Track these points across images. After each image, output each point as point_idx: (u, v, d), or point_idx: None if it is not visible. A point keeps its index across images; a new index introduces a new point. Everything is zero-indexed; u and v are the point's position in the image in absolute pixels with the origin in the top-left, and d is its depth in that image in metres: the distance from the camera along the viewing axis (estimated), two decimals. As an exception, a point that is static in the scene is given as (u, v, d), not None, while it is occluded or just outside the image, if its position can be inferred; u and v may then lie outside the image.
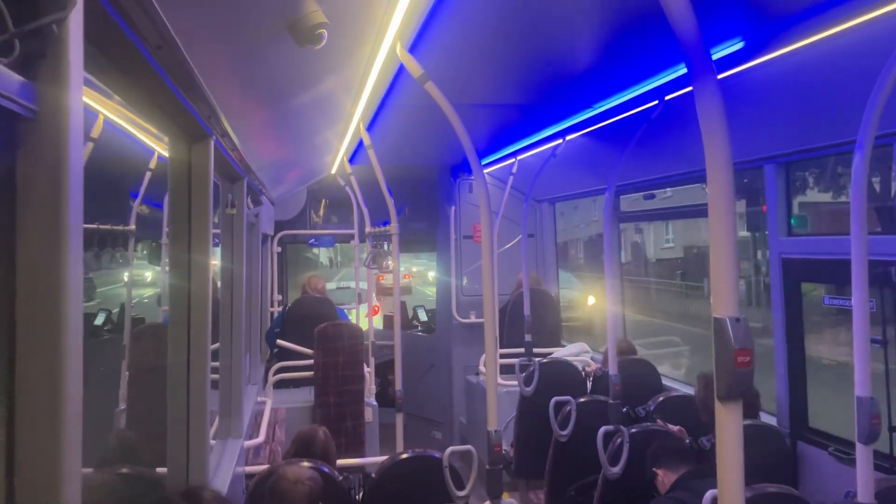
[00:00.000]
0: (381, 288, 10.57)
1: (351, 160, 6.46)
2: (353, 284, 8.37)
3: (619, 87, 4.20)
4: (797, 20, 2.91)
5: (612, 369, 4.45)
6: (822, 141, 3.68)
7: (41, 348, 1.03)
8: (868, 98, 2.55)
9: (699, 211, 5.89)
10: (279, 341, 6.69)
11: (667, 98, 4.05)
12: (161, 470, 2.72)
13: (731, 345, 1.55)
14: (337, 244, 9.75)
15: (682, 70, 3.64)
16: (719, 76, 3.72)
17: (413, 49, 3.11)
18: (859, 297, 2.55)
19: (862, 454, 2.55)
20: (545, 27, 3.20)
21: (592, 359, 6.54)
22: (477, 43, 3.39)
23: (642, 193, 6.37)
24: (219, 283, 4.15)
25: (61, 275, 1.04)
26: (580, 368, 5.89)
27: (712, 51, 3.32)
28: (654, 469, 3.67)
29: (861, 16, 2.72)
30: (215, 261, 3.91)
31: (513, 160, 6.78)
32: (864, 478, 2.52)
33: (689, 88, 3.77)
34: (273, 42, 2.17)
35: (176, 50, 1.65)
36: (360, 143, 5.48)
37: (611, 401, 4.37)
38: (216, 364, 3.93)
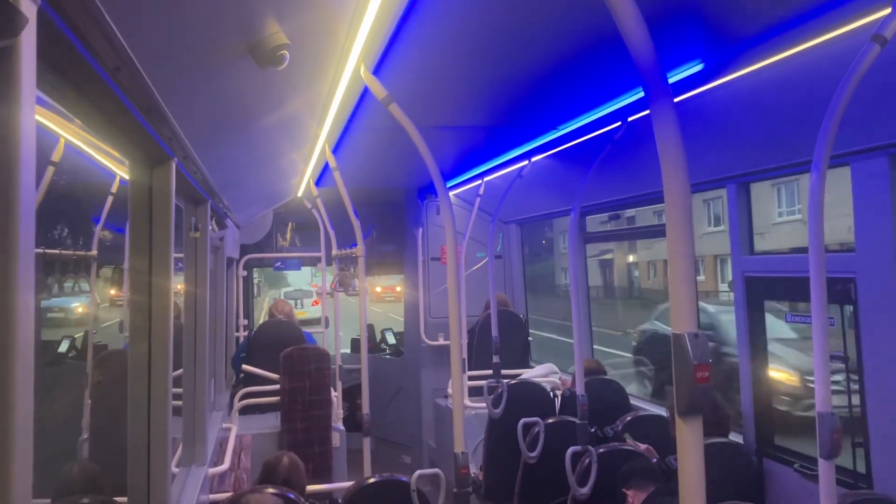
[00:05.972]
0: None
1: (317, 182, 6.44)
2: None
3: (582, 108, 4.25)
4: (755, 42, 2.97)
5: (580, 389, 4.45)
6: (781, 161, 3.75)
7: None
8: (823, 118, 2.61)
9: (664, 231, 5.94)
10: (245, 366, 6.60)
11: (629, 119, 4.11)
12: (121, 499, 2.66)
13: (690, 360, 1.56)
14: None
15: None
16: (680, 98, 3.77)
17: (377, 71, 3.11)
18: (818, 314, 2.58)
19: (824, 470, 2.57)
20: (509, 50, 3.23)
21: (561, 379, 6.54)
22: (441, 65, 3.41)
23: (608, 214, 6.44)
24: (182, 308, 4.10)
25: (10, 304, 1.01)
26: (549, 389, 5.89)
27: (672, 73, 3.38)
28: (623, 490, 3.67)
29: (816, 38, 2.79)
30: (179, 285, 3.86)
31: (479, 181, 6.80)
32: (826, 493, 2.54)
33: (650, 110, 3.84)
34: (235, 63, 2.16)
35: (135, 72, 1.63)
36: (326, 166, 5.48)
37: (578, 421, 4.37)
38: (180, 390, 3.88)
